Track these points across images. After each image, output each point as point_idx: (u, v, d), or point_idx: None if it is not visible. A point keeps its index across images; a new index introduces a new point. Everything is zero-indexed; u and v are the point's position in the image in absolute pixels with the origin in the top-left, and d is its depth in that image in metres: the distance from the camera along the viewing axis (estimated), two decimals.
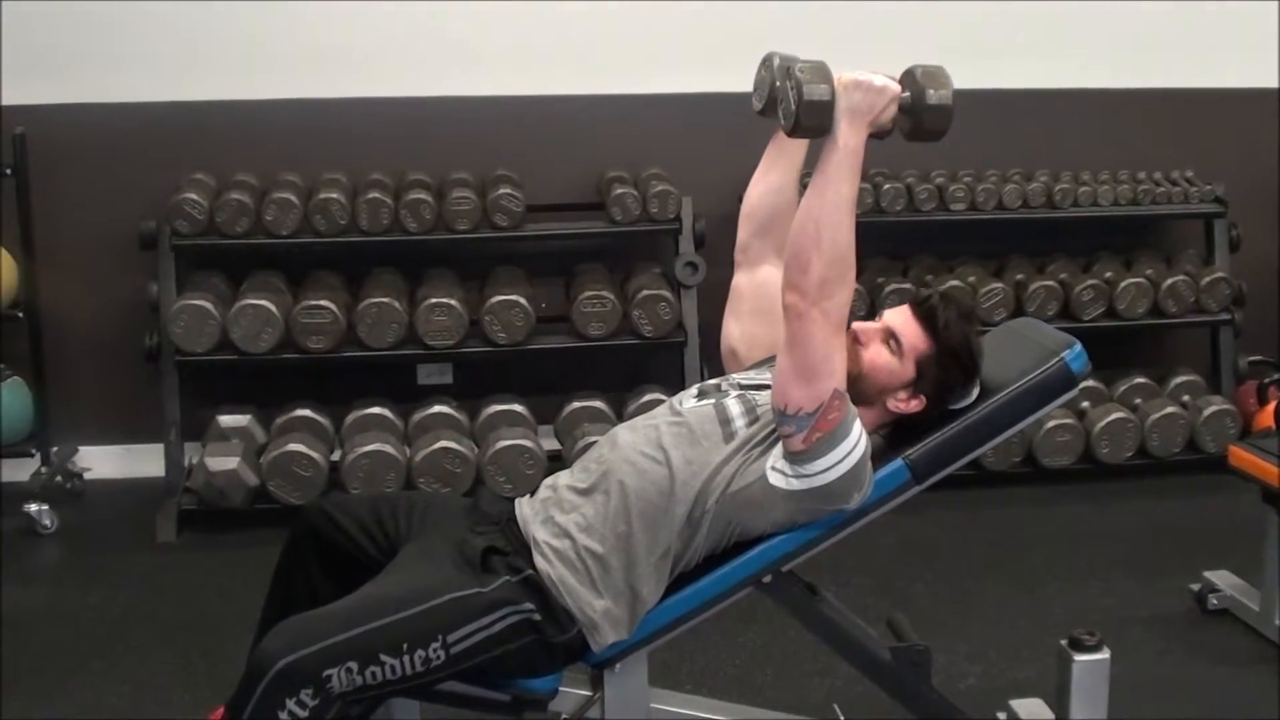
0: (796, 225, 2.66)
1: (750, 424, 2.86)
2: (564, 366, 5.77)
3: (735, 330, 3.21)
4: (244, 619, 3.05)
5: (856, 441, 2.74)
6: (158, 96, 5.60)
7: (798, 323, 2.64)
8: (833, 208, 2.63)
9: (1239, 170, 6.24)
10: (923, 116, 2.69)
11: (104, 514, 5.47)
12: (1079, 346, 2.98)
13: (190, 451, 5.46)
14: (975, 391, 2.97)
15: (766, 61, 2.86)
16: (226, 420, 5.42)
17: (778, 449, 2.79)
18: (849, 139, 2.64)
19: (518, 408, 5.51)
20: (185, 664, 4.11)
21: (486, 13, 5.71)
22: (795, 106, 2.61)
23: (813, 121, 2.63)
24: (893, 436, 2.99)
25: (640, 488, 2.80)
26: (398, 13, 5.67)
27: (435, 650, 2.61)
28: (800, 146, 3.10)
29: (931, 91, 2.67)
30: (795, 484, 2.76)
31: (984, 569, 4.89)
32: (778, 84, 2.74)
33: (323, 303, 5.24)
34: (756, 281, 3.14)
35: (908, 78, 2.71)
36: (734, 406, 2.92)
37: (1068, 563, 4.93)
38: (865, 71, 2.67)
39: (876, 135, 2.75)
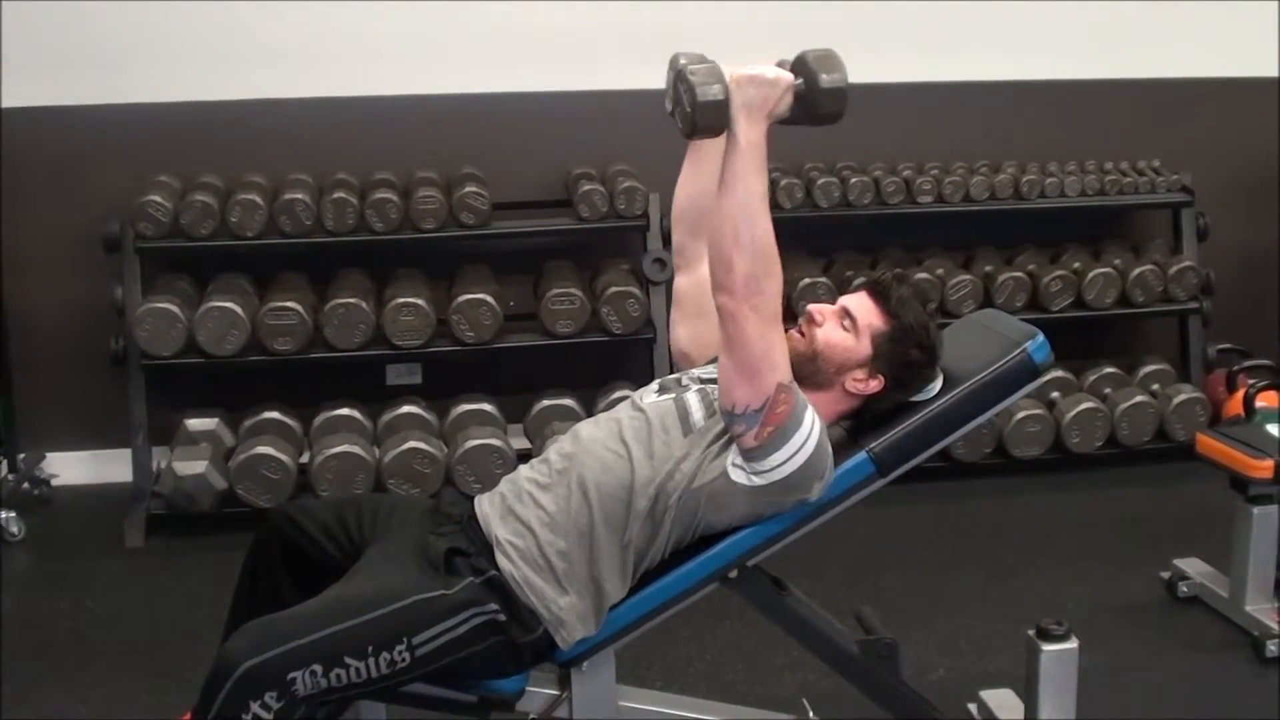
0: (714, 228, 2.66)
1: (708, 417, 2.86)
2: (533, 365, 5.75)
3: (683, 333, 3.21)
4: (213, 623, 3.04)
5: (810, 431, 2.73)
6: (121, 98, 5.57)
7: (731, 323, 2.63)
8: (744, 205, 2.62)
9: (1206, 159, 6.26)
10: (818, 101, 2.66)
11: (72, 520, 5.43)
12: (1041, 337, 2.98)
13: (158, 456, 5.44)
14: (939, 383, 2.97)
15: (672, 63, 2.86)
16: (194, 423, 5.39)
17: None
18: (749, 134, 2.63)
19: (487, 407, 5.50)
20: (155, 668, 4.09)
21: (450, 10, 5.69)
22: (690, 109, 2.61)
23: (709, 122, 2.62)
24: (857, 429, 2.99)
25: (602, 482, 2.80)
26: (361, 12, 5.65)
27: (400, 653, 2.60)
28: (719, 145, 3.10)
29: (824, 76, 2.65)
30: (755, 480, 2.75)
31: (955, 560, 4.90)
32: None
33: (289, 304, 5.22)
34: (696, 282, 3.10)
35: (799, 64, 2.69)
36: (693, 400, 2.91)
37: (1039, 553, 4.95)
38: (757, 65, 2.66)
39: (790, 122, 2.74)
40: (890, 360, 2.91)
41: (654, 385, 3.05)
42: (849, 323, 2.91)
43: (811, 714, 3.39)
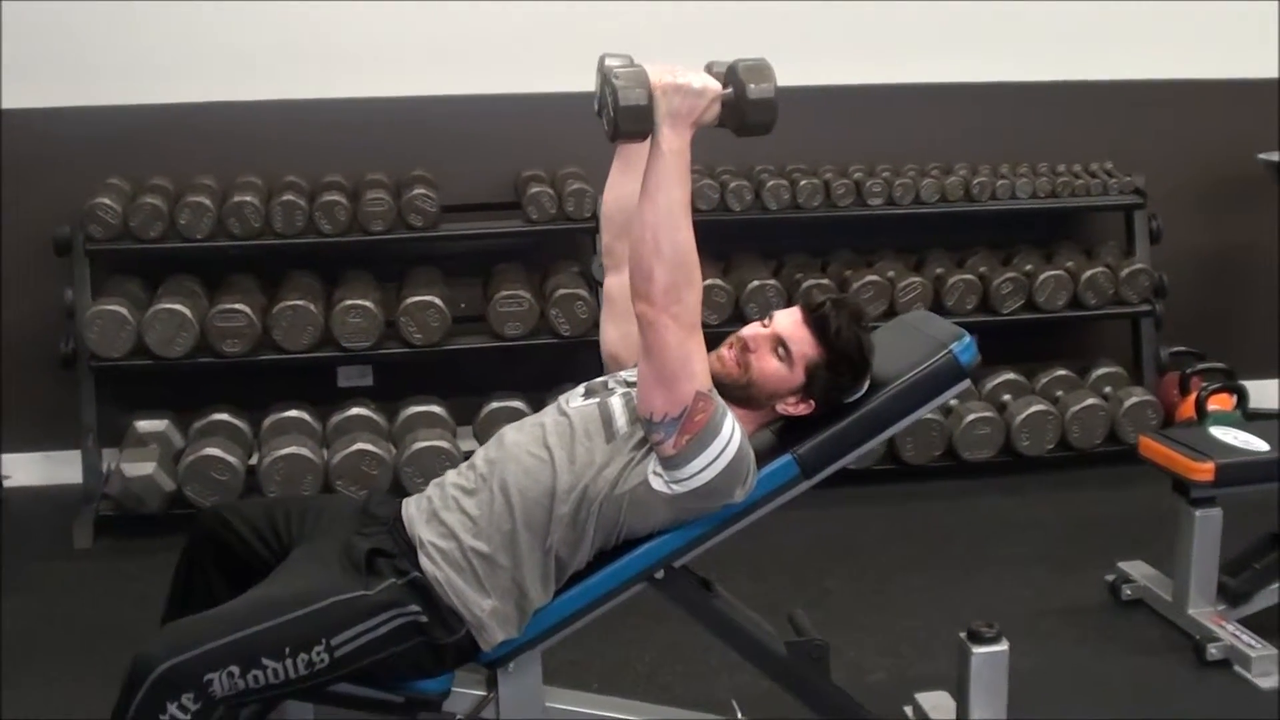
0: (634, 237, 2.66)
1: (631, 423, 2.86)
2: (483, 367, 5.74)
3: (613, 334, 3.22)
4: (160, 624, 3.04)
5: (729, 438, 2.74)
6: (71, 102, 5.54)
7: (650, 331, 2.64)
8: (666, 213, 2.62)
9: (1158, 161, 6.26)
10: (746, 112, 2.67)
11: (22, 522, 5.39)
12: (968, 338, 3.00)
13: (109, 457, 5.41)
14: (865, 385, 2.98)
15: (600, 64, 2.85)
16: (144, 425, 5.37)
17: None
18: (672, 142, 2.63)
19: (436, 409, 5.49)
20: (103, 670, 4.01)
21: (400, 13, 5.68)
22: (614, 113, 2.61)
23: (632, 127, 2.63)
24: (782, 431, 3.00)
25: (525, 486, 2.80)
26: (311, 16, 5.63)
27: (318, 653, 2.61)
28: (648, 147, 3.10)
29: (753, 86, 2.66)
30: (675, 488, 2.77)
31: (902, 563, 4.89)
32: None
33: (238, 306, 5.20)
34: (624, 283, 3.09)
35: (729, 74, 2.70)
36: (617, 405, 2.92)
37: (985, 555, 4.95)
38: (685, 72, 2.66)
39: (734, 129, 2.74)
40: (824, 387, 2.93)
41: (580, 389, 3.06)
42: (783, 351, 2.91)
43: (740, 714, 3.41)
